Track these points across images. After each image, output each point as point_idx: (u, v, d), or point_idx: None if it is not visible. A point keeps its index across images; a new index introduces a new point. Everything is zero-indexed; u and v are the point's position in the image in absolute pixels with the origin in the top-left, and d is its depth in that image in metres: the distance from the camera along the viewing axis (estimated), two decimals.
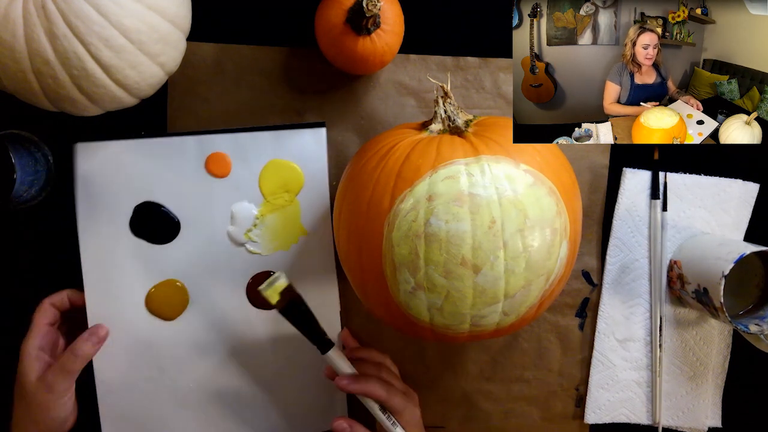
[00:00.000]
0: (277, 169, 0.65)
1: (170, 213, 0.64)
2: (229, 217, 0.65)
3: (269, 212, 0.65)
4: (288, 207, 0.65)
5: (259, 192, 0.65)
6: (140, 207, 0.64)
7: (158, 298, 0.64)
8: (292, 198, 0.65)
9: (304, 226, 0.65)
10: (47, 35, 0.50)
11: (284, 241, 0.65)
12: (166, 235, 0.64)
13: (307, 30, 0.63)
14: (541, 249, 0.49)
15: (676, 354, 0.70)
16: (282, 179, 0.65)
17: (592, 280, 0.70)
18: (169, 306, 0.65)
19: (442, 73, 0.67)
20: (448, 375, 0.70)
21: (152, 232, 0.64)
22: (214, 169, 0.64)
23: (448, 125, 0.55)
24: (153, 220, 0.64)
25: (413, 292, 0.50)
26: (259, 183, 0.65)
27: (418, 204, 0.48)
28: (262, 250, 0.65)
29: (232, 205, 0.64)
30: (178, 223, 0.64)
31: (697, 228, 0.69)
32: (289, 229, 0.65)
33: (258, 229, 0.65)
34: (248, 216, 0.65)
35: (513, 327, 0.53)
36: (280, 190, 0.65)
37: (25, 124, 0.63)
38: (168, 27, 0.55)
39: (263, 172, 0.65)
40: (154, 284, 0.64)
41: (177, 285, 0.65)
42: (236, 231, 0.64)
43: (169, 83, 0.65)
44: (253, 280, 0.65)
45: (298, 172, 0.65)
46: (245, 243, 0.65)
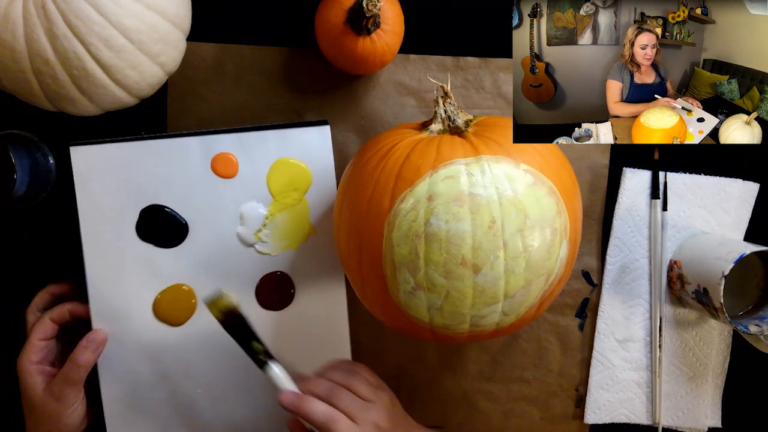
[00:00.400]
0: (284, 167, 0.64)
1: (178, 215, 0.63)
2: (238, 218, 0.64)
3: (278, 211, 0.64)
4: (297, 206, 0.64)
5: (268, 191, 0.64)
6: (146, 210, 0.63)
7: (166, 304, 0.63)
8: (301, 196, 0.64)
9: (313, 224, 0.65)
10: (47, 35, 0.50)
11: (293, 240, 0.65)
12: (174, 239, 0.63)
13: (307, 30, 0.63)
14: (541, 249, 0.49)
15: (676, 354, 0.70)
16: (290, 178, 0.64)
17: (592, 280, 0.70)
18: (176, 311, 0.64)
19: (442, 73, 0.67)
20: (448, 375, 0.70)
21: (160, 236, 0.63)
22: (221, 170, 0.63)
23: (448, 125, 0.55)
24: (160, 223, 0.63)
25: (413, 292, 0.50)
26: (267, 182, 0.64)
27: (418, 204, 0.48)
28: (272, 250, 0.64)
29: (240, 206, 0.64)
30: (186, 225, 0.63)
31: (697, 228, 0.69)
32: (299, 228, 0.65)
33: (267, 228, 0.64)
34: (257, 216, 0.64)
35: (513, 327, 0.53)
36: (289, 188, 0.64)
37: (25, 124, 0.63)
38: (168, 27, 0.55)
39: (271, 171, 0.64)
40: (161, 290, 0.63)
41: (184, 289, 0.64)
42: (246, 231, 0.64)
43: (169, 83, 0.65)
44: (263, 281, 0.64)
45: (305, 170, 0.64)
46: (254, 243, 0.64)
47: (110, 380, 0.63)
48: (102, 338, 0.61)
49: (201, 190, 0.63)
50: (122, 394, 0.63)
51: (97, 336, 0.60)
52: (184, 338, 0.64)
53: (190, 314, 0.64)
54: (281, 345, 0.64)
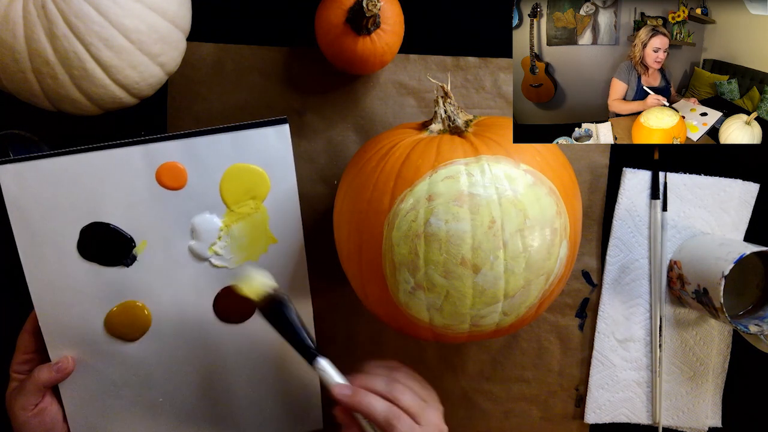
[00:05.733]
0: (239, 174, 0.60)
1: (122, 232, 0.59)
2: (190, 232, 0.60)
3: (234, 222, 0.60)
4: (254, 215, 0.60)
5: (221, 201, 0.60)
6: (87, 228, 0.59)
7: (118, 321, 0.60)
8: (259, 204, 0.60)
9: (274, 234, 0.61)
10: (47, 35, 0.50)
11: (253, 251, 0.61)
12: (119, 256, 0.59)
13: (307, 30, 0.63)
14: (541, 249, 0.49)
15: (676, 354, 0.70)
16: (245, 185, 0.60)
17: (592, 280, 0.70)
18: (130, 328, 0.61)
19: (442, 73, 0.67)
20: (448, 375, 0.70)
21: (104, 254, 0.59)
22: (167, 181, 0.59)
23: (448, 125, 0.55)
24: (103, 241, 0.59)
25: (413, 292, 0.50)
26: (220, 191, 0.60)
27: (418, 204, 0.48)
28: (229, 263, 0.61)
29: (192, 219, 0.60)
30: (132, 241, 0.59)
31: (697, 228, 0.69)
32: (258, 239, 0.61)
33: (223, 241, 0.60)
34: (211, 228, 0.60)
35: (513, 327, 0.54)
36: (245, 197, 0.60)
37: (25, 124, 0.63)
38: (168, 27, 0.55)
39: (224, 179, 0.60)
40: (111, 308, 0.60)
41: (137, 305, 0.60)
42: (199, 246, 0.60)
43: (169, 83, 0.65)
44: (221, 294, 0.62)
45: (262, 175, 0.60)
46: (209, 257, 0.61)
47: (71, 389, 0.61)
48: (69, 369, 0.60)
49: (147, 203, 0.59)
50: (83, 403, 0.62)
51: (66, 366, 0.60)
52: (141, 352, 0.61)
53: (145, 329, 0.61)
54: (242, 359, 0.63)
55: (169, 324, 0.62)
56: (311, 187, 0.66)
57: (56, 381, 0.60)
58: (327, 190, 0.67)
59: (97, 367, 0.61)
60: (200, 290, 0.61)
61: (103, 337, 0.61)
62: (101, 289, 0.60)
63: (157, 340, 0.62)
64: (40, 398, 0.59)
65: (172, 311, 0.61)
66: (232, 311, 0.62)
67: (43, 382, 0.58)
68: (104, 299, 0.60)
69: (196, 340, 0.62)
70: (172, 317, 0.61)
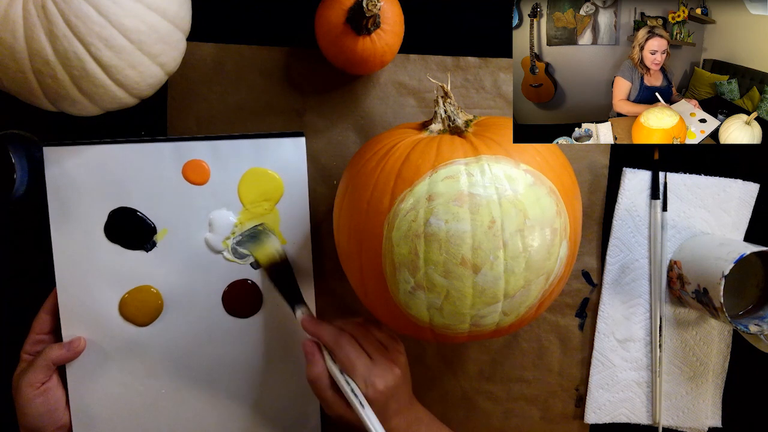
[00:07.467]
0: (256, 177, 0.64)
1: (146, 218, 0.63)
2: (207, 225, 0.64)
3: (248, 220, 0.65)
4: (267, 216, 0.65)
5: (238, 200, 0.64)
6: (115, 212, 0.63)
7: (132, 304, 0.64)
8: (272, 207, 0.65)
9: (284, 236, 0.65)
10: (47, 35, 0.50)
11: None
12: (141, 241, 0.64)
13: (307, 30, 0.63)
14: (541, 249, 0.49)
15: (676, 354, 0.70)
16: (261, 188, 0.64)
17: (592, 280, 0.70)
18: (142, 312, 0.64)
19: (442, 73, 0.67)
20: (448, 375, 0.70)
21: (127, 238, 0.63)
22: (192, 176, 0.64)
23: (448, 125, 0.55)
24: (128, 225, 0.63)
25: (413, 292, 0.50)
26: (238, 191, 0.64)
27: (417, 204, 0.48)
28: (240, 259, 0.65)
29: (210, 213, 0.64)
30: (154, 228, 0.63)
31: (697, 228, 0.69)
32: None
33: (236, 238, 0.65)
34: (226, 224, 0.64)
35: (513, 327, 0.53)
36: (260, 198, 0.65)
37: (25, 124, 0.63)
38: (168, 27, 0.55)
39: (242, 181, 0.64)
40: (128, 290, 0.64)
41: (152, 291, 0.64)
42: (214, 238, 0.64)
43: (169, 83, 0.65)
44: (230, 288, 0.65)
45: (278, 181, 0.65)
46: (222, 250, 0.64)
47: (77, 374, 0.63)
48: (80, 348, 0.62)
49: (171, 195, 0.64)
50: (87, 391, 0.63)
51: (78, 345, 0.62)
52: (149, 339, 0.64)
53: (156, 315, 0.64)
54: (247, 352, 0.65)
55: (179, 312, 0.64)
56: (311, 187, 0.66)
57: (66, 359, 0.61)
58: (327, 190, 0.67)
59: (107, 351, 0.64)
60: (211, 281, 0.65)
61: (116, 320, 0.64)
62: (120, 271, 0.64)
63: (166, 327, 0.64)
64: (48, 377, 0.60)
65: (184, 299, 0.64)
66: (240, 305, 0.65)
67: (53, 359, 0.60)
68: (122, 280, 0.64)
69: (204, 330, 0.65)
70: (183, 305, 0.65)
